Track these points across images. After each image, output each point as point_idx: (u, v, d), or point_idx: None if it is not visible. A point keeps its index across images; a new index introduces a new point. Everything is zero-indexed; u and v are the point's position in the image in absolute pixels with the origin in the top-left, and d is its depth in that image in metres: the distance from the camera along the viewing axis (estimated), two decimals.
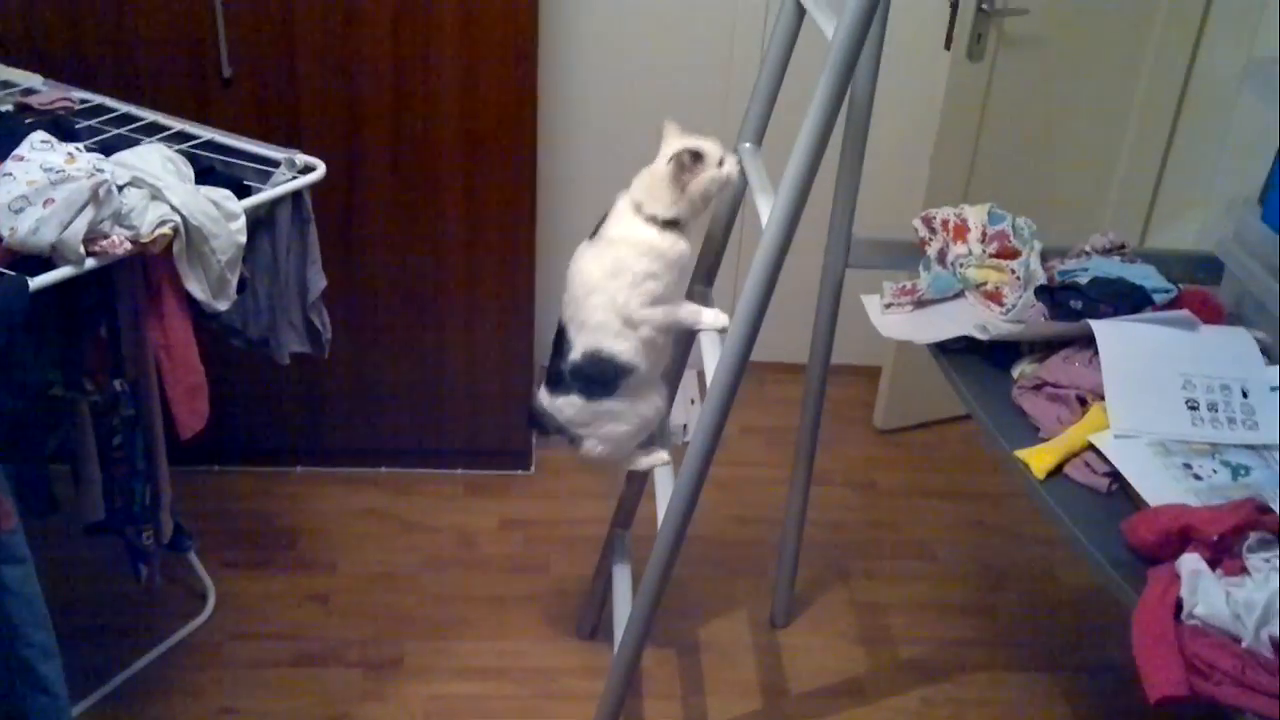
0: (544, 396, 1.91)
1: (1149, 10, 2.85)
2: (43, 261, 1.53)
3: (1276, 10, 2.49)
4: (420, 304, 2.66)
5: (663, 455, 1.96)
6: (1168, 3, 2.83)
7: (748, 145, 1.90)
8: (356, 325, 2.60)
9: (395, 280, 2.63)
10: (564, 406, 1.87)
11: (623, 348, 1.79)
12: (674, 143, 1.74)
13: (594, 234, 1.83)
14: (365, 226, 2.55)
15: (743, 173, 1.81)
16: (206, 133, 1.97)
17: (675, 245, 1.75)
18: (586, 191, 2.98)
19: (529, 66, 2.41)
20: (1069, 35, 2.84)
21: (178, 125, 1.98)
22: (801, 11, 1.79)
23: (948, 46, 2.74)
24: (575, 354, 1.82)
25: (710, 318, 1.81)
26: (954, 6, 2.70)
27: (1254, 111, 2.20)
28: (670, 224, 1.74)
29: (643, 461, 1.97)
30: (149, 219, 1.60)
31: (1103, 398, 1.62)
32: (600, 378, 1.81)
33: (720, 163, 1.74)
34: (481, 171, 2.51)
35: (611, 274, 1.76)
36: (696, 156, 1.71)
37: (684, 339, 2.05)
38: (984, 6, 2.68)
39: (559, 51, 2.89)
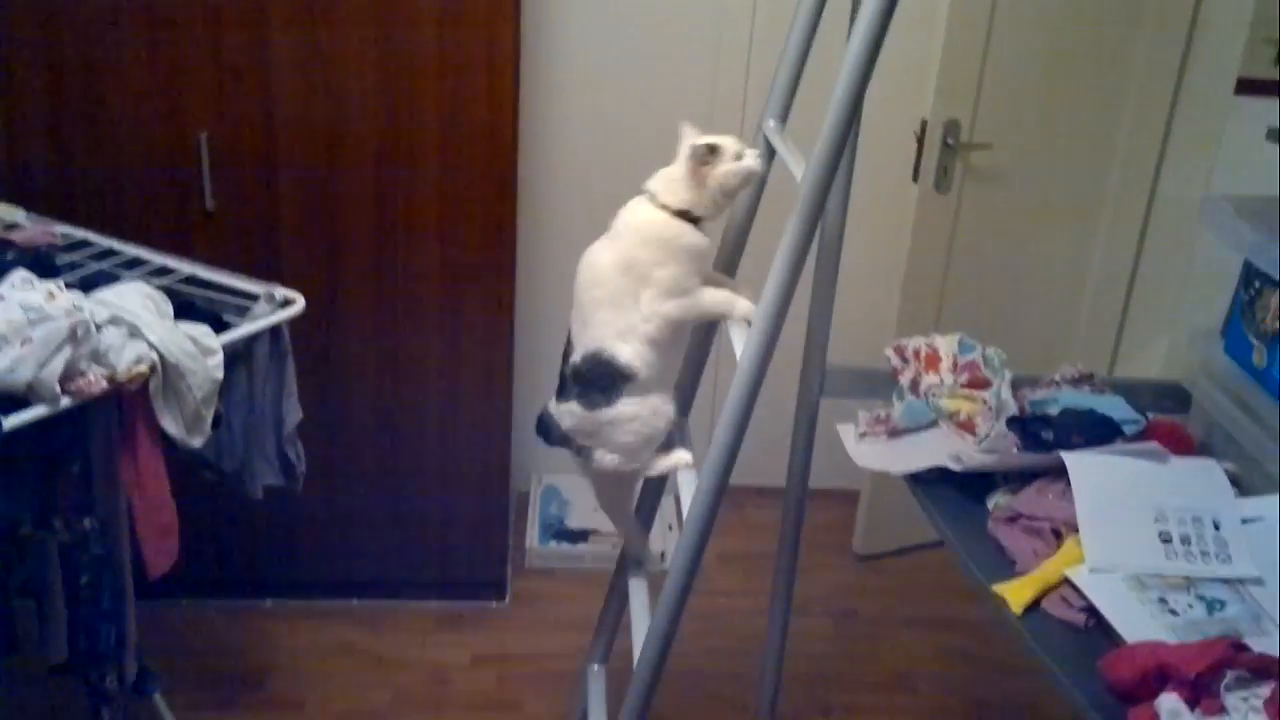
0: (551, 403, 1.77)
1: (1109, 143, 2.95)
2: (17, 399, 1.53)
3: (1222, 145, 2.59)
4: (396, 434, 2.66)
5: (685, 456, 1.77)
6: (1126, 135, 2.94)
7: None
8: (330, 456, 2.58)
9: (371, 411, 2.63)
10: (564, 415, 1.73)
11: (624, 350, 1.64)
12: (690, 141, 1.65)
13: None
14: (343, 357, 2.56)
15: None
16: (187, 267, 1.99)
17: (684, 234, 1.63)
18: (564, 326, 3.02)
19: (509, 201, 2.47)
20: (1033, 168, 2.94)
21: (159, 260, 2.01)
22: (772, 152, 1.84)
23: (915, 179, 2.83)
24: (576, 355, 1.70)
25: (743, 308, 1.65)
26: (920, 141, 2.79)
27: (1214, 242, 2.27)
28: (681, 214, 1.64)
29: (661, 464, 1.78)
30: (126, 357, 1.60)
31: (1078, 530, 1.62)
32: (598, 383, 1.66)
33: (738, 157, 1.63)
34: (460, 303, 2.55)
35: (621, 268, 1.64)
36: (712, 150, 1.61)
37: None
38: (949, 141, 2.78)
39: (538, 179, 2.95)
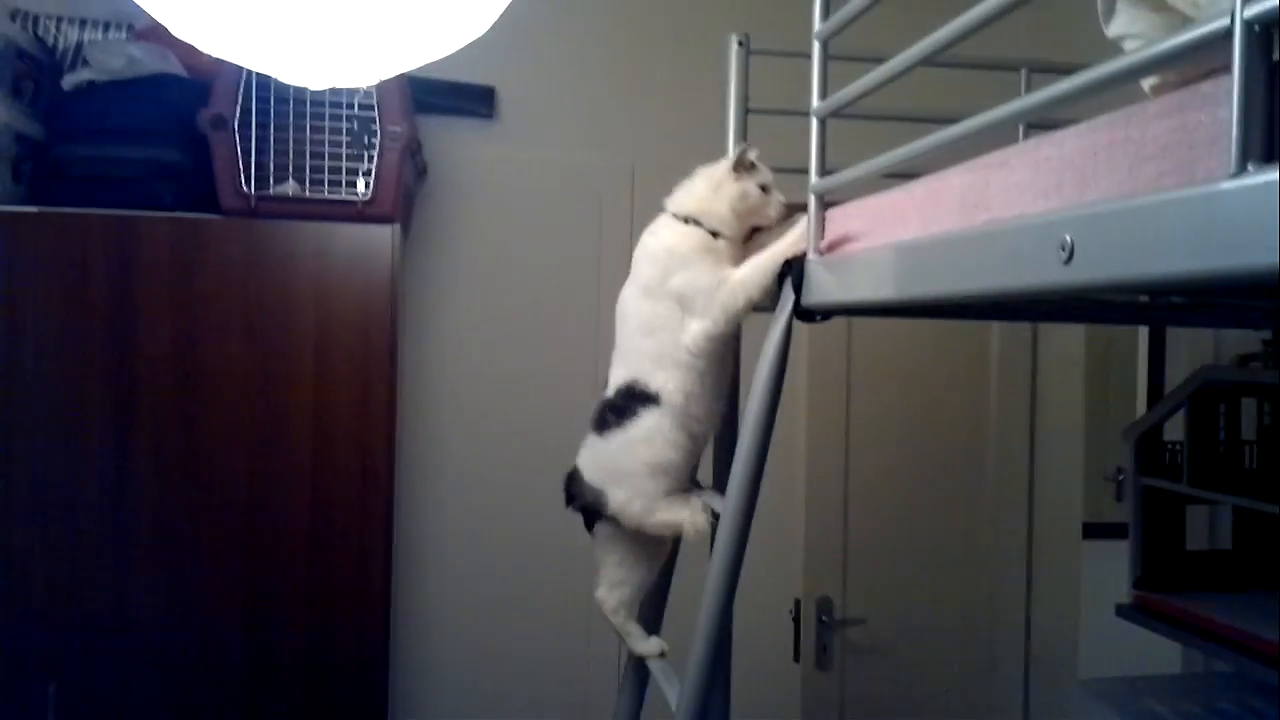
0: (578, 459, 1.62)
1: (975, 607, 3.03)
2: None
3: (1082, 588, 2.68)
4: None
5: (696, 503, 1.57)
6: (987, 596, 3.03)
7: None
8: None
9: None
10: (585, 456, 1.60)
11: (658, 376, 1.53)
12: (743, 146, 1.58)
13: None
14: None
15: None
16: None
17: (687, 235, 1.53)
18: None
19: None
20: (909, 637, 2.97)
21: None
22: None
23: (797, 659, 2.83)
24: (610, 391, 1.56)
25: (794, 237, 1.46)
26: (796, 621, 2.82)
27: None
28: (690, 220, 1.54)
29: (668, 514, 1.57)
30: None
31: None
32: (626, 410, 1.54)
33: (766, 191, 1.54)
34: None
35: (641, 293, 1.55)
36: (752, 166, 1.53)
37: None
38: (824, 619, 2.82)
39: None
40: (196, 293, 2.25)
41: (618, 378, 1.57)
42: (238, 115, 2.16)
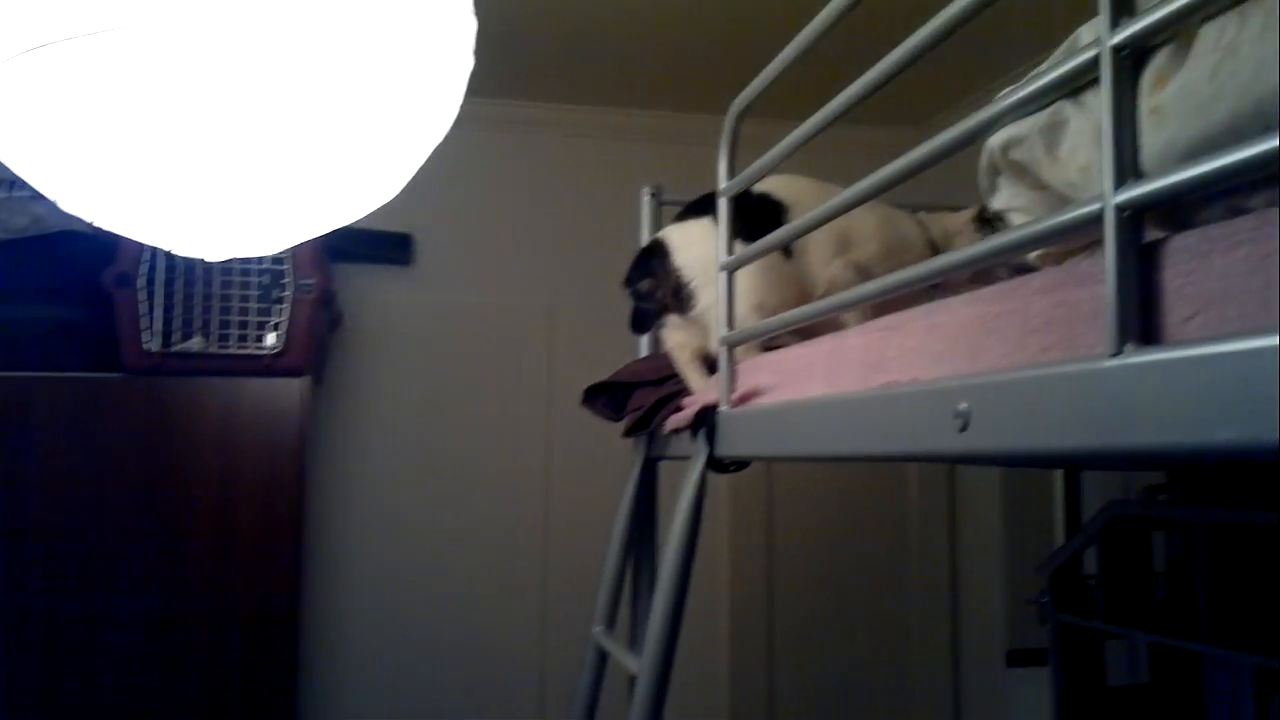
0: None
1: None
2: None
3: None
4: None
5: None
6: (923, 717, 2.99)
7: None
8: None
9: None
10: (679, 237, 1.52)
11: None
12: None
13: None
14: None
15: None
16: None
17: None
18: None
19: None
20: None
21: None
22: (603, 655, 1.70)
23: None
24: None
25: None
26: None
27: None
28: None
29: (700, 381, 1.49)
30: None
31: None
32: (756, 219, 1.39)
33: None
34: None
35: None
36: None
37: None
38: None
39: None
40: (97, 454, 2.18)
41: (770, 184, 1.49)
42: (144, 272, 2.13)
